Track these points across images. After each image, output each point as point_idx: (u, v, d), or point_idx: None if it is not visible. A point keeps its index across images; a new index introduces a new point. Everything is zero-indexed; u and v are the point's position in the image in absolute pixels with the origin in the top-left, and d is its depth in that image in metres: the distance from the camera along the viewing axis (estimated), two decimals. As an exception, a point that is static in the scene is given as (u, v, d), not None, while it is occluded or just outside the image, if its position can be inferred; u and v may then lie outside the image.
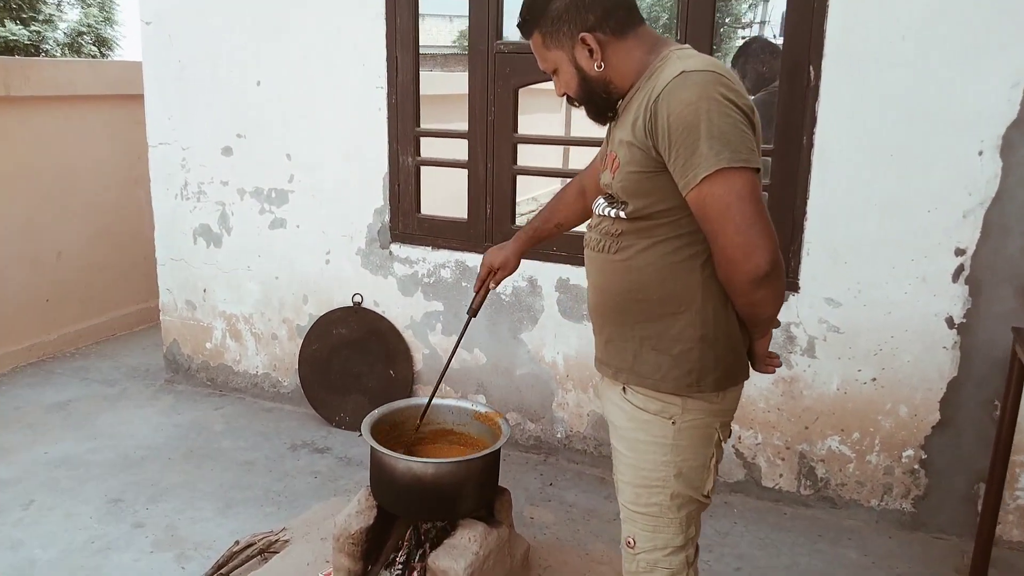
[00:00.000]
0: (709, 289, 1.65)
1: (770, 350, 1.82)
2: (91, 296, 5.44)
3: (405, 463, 2.29)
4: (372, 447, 2.35)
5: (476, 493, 2.38)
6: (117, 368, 4.99)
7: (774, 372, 1.87)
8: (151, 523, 3.15)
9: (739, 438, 3.35)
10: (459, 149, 3.71)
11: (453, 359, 2.51)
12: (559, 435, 3.72)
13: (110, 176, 5.45)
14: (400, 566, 2.48)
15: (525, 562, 2.63)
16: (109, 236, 5.49)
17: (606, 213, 1.74)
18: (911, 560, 2.89)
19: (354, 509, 2.49)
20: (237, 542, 2.92)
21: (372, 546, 2.47)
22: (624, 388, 1.75)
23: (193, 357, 4.72)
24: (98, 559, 2.89)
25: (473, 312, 2.34)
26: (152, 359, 5.10)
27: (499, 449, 2.39)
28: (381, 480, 2.39)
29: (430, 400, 2.54)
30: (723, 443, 1.77)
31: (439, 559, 2.26)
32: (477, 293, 2.29)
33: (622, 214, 1.69)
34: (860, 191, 2.97)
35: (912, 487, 3.07)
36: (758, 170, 1.53)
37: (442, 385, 4.00)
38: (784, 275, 1.60)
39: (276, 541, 2.95)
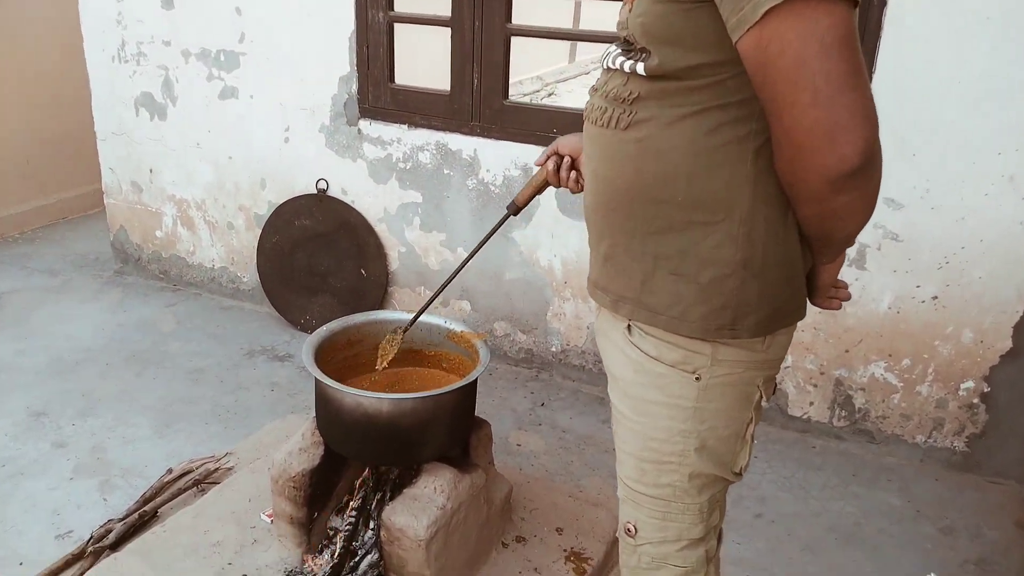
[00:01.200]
0: (762, 189, 1.12)
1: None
2: (34, 174, 4.88)
3: (354, 398, 1.83)
4: (315, 377, 1.88)
5: (444, 433, 1.93)
6: (63, 256, 4.51)
7: (840, 308, 1.36)
8: (75, 443, 2.74)
9: (764, 360, 2.89)
10: (441, 3, 3.06)
11: (454, 277, 1.96)
12: (554, 348, 3.27)
13: (50, 37, 4.77)
14: (353, 514, 2.07)
15: (506, 505, 2.22)
16: (52, 107, 4.87)
17: (617, 66, 1.18)
18: (962, 508, 2.50)
19: (296, 446, 2.05)
20: (170, 470, 2.52)
21: (319, 489, 2.05)
22: (629, 327, 1.25)
23: (143, 246, 4.22)
24: (5, 487, 2.49)
25: (515, 208, 1.75)
26: (103, 247, 4.60)
27: (474, 381, 1.92)
28: (327, 416, 1.94)
29: (418, 313, 2.04)
30: (765, 403, 1.29)
31: (395, 515, 1.83)
32: (529, 185, 1.68)
33: (639, 68, 1.14)
34: (941, 64, 2.37)
35: (968, 423, 2.64)
36: (856, 3, 0.96)
37: (422, 288, 3.55)
38: (880, 172, 1.05)
39: (217, 470, 2.55)
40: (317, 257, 3.57)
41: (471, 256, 1.84)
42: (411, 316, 2.19)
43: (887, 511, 2.49)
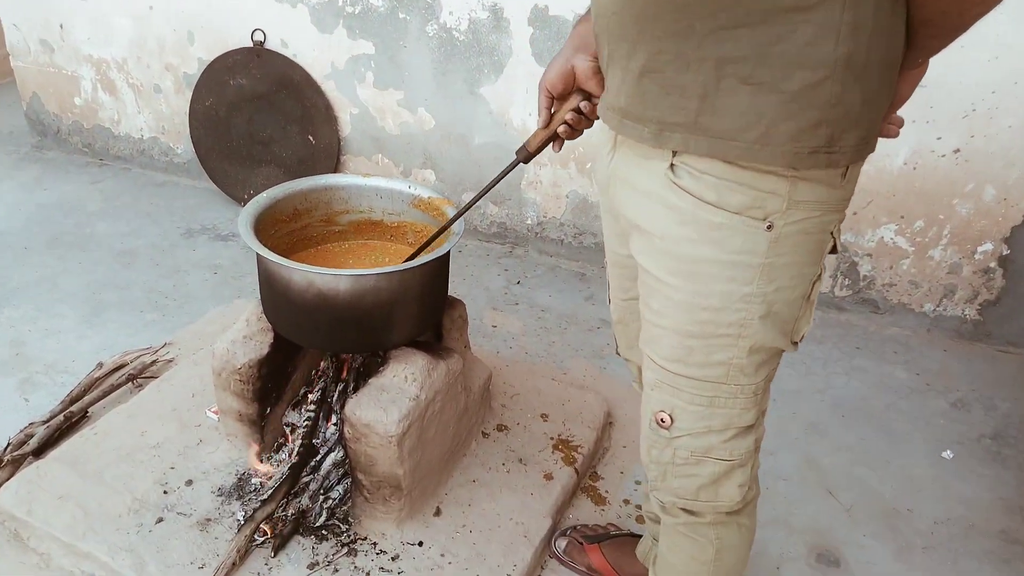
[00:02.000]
0: None
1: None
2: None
3: (305, 276, 1.53)
4: (257, 252, 1.57)
5: (414, 315, 1.66)
6: (-31, 131, 4.01)
7: (897, 135, 1.09)
8: (-10, 337, 2.42)
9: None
10: None
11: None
12: (529, 221, 2.98)
13: None
14: (312, 408, 1.82)
15: (485, 393, 2.00)
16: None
17: None
18: (973, 380, 2.35)
19: (239, 334, 1.76)
20: (100, 364, 2.22)
21: (270, 381, 1.79)
22: (673, 165, 0.96)
23: (61, 116, 3.75)
24: (-92, 388, 2.19)
25: (526, 156, 1.33)
26: (16, 120, 4.10)
27: (446, 255, 1.63)
28: (274, 299, 1.64)
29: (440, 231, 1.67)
30: (834, 255, 1.04)
31: (360, 408, 1.58)
32: (539, 133, 1.27)
33: None
34: None
35: (982, 289, 2.45)
36: None
37: (379, 156, 3.19)
38: None
39: (154, 363, 2.27)
40: (258, 122, 3.17)
41: (477, 198, 1.49)
42: (367, 180, 1.87)
43: (895, 385, 2.33)
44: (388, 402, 1.59)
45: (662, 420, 1.10)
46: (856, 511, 1.87)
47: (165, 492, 1.75)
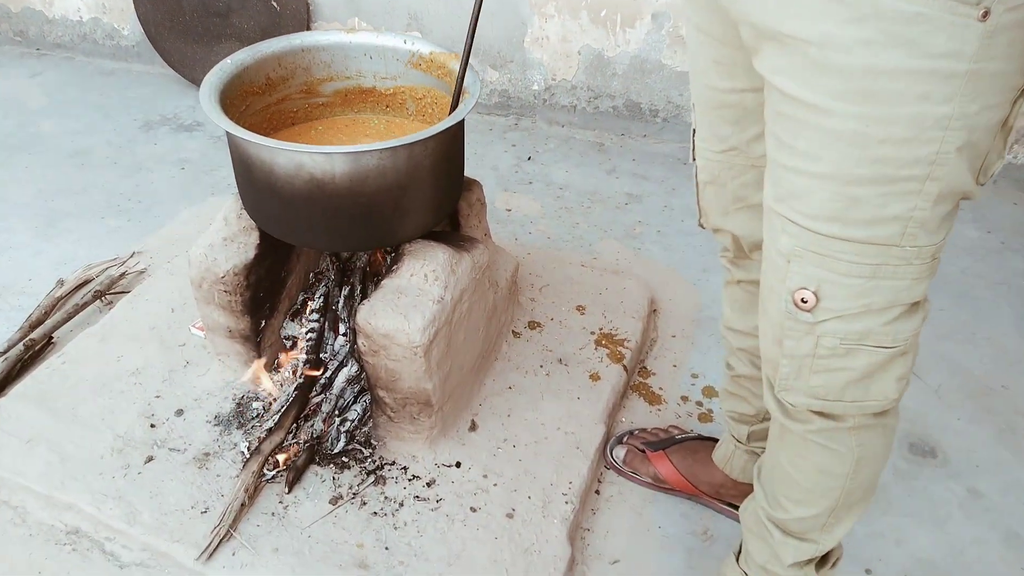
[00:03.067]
0: None
1: None
2: None
3: (290, 157, 1.24)
4: (227, 131, 1.26)
5: (428, 200, 1.37)
6: None
7: None
8: (-71, 258, 2.12)
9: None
10: None
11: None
12: (535, 87, 2.64)
13: None
14: (315, 317, 1.56)
15: (513, 287, 1.74)
16: None
17: None
18: (1052, 236, 2.11)
19: (218, 236, 1.48)
20: (61, 282, 1.94)
21: (262, 289, 1.52)
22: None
23: (-18, 1, 3.29)
24: None
25: None
26: (-67, 9, 3.61)
27: (462, 122, 1.33)
28: (254, 190, 1.35)
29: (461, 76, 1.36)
30: None
31: (376, 316, 1.32)
32: None
33: None
34: None
35: (1062, 133, 2.18)
36: None
37: (355, 20, 2.80)
38: None
39: (123, 276, 1.98)
40: (212, -10, 2.75)
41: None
42: (353, 36, 1.53)
43: (967, 246, 2.09)
44: (408, 307, 1.33)
45: (803, 300, 0.84)
46: (945, 392, 1.66)
47: (152, 426, 1.51)
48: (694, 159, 1.12)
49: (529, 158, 2.53)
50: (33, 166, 2.52)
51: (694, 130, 1.10)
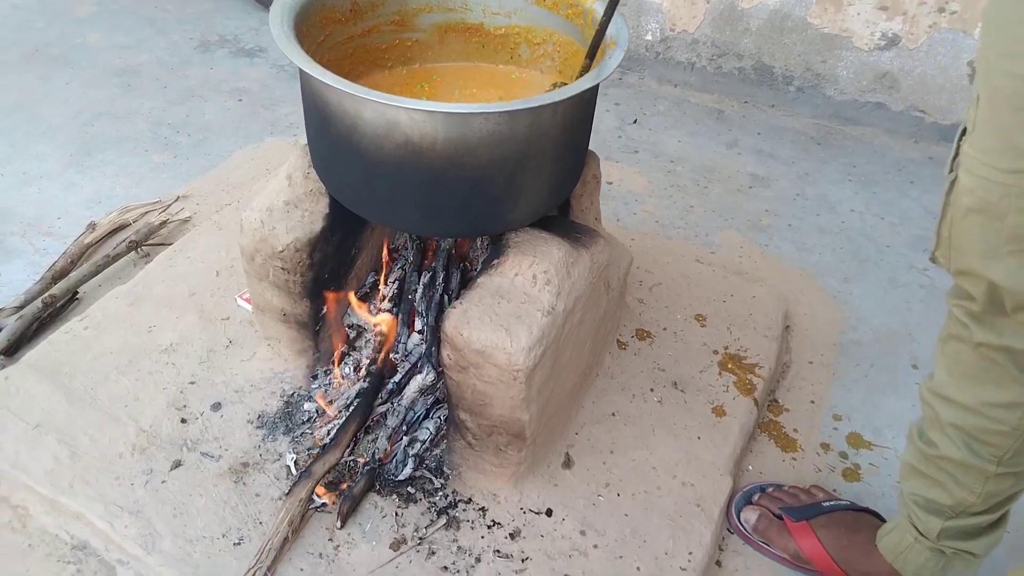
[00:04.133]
0: None
1: None
2: None
3: (382, 111, 0.95)
4: (300, 69, 0.98)
5: (548, 179, 1.09)
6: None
7: None
8: (-49, 181, 1.89)
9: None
10: None
11: None
12: (649, 37, 2.29)
13: None
14: (387, 307, 1.29)
15: (623, 287, 1.44)
16: None
17: None
18: None
19: (279, 198, 1.21)
20: (93, 225, 1.71)
21: (327, 269, 1.25)
22: None
23: None
24: None
25: None
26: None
27: (597, 84, 1.03)
28: (330, 148, 1.06)
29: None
30: None
31: (469, 327, 1.04)
32: None
33: None
34: None
35: None
36: None
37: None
38: None
39: (164, 224, 1.74)
40: None
41: None
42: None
43: None
44: (511, 317, 1.05)
45: None
46: None
47: (183, 421, 1.27)
48: (952, 171, 0.81)
49: (635, 121, 2.20)
50: (74, 82, 2.27)
51: (963, 131, 0.79)
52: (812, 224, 1.86)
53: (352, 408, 1.24)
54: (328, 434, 1.24)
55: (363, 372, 1.30)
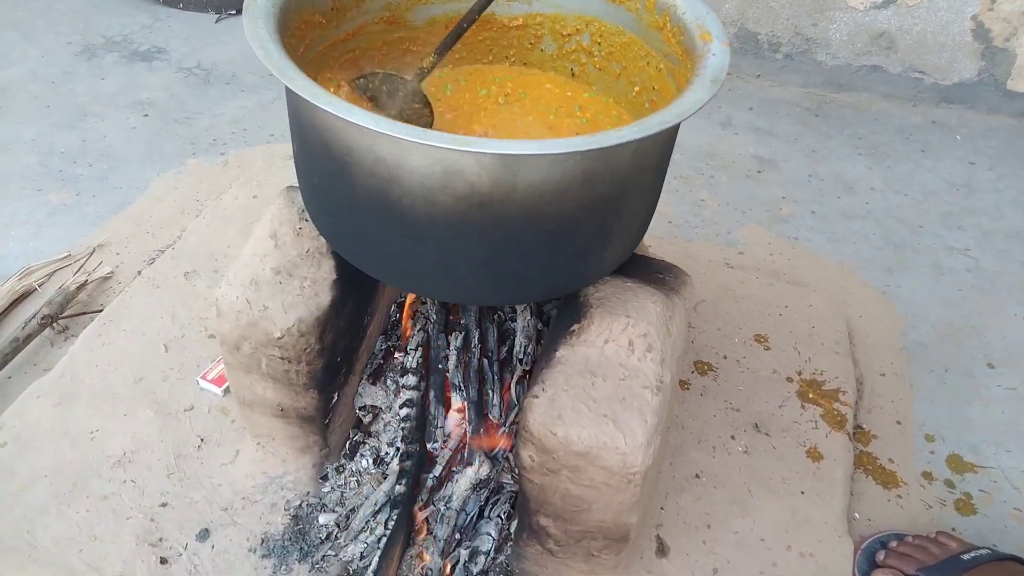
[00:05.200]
0: None
1: None
2: None
3: (437, 157, 0.68)
4: (287, 86, 0.69)
5: (637, 219, 0.85)
6: None
7: None
8: None
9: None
10: None
11: None
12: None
13: None
14: (411, 383, 1.03)
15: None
16: None
17: None
18: None
19: (265, 266, 0.93)
20: (-13, 299, 1.34)
21: (340, 351, 0.97)
22: None
23: None
24: None
25: None
26: None
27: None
28: (354, 205, 0.78)
29: None
30: None
31: (562, 423, 0.80)
32: None
33: None
34: None
35: None
36: None
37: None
38: None
39: (81, 286, 1.39)
40: None
41: None
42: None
43: None
44: (614, 402, 0.81)
45: None
46: None
47: (163, 561, 0.98)
48: None
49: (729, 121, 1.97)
50: (-71, 108, 1.85)
51: None
52: (835, 208, 1.69)
53: (388, 519, 0.98)
54: (361, 557, 0.97)
55: (389, 467, 1.03)
